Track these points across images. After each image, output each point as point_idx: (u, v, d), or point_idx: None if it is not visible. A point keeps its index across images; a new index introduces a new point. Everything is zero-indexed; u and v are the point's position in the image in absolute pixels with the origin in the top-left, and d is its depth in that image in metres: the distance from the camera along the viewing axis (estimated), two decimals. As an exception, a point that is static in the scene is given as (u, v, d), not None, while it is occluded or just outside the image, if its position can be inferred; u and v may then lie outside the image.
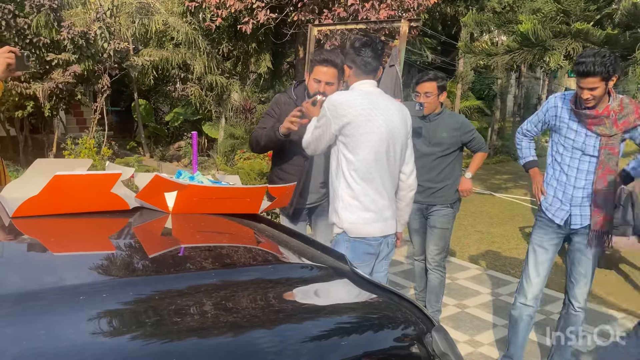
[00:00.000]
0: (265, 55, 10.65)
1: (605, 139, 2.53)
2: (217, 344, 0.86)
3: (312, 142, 2.37)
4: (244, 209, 1.58)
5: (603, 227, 2.63)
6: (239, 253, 1.31)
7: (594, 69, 2.38)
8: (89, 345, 0.77)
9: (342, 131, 2.27)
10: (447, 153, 3.36)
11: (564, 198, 2.71)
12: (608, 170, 2.57)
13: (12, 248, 1.15)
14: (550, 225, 2.80)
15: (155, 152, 11.40)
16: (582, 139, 2.60)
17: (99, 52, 8.14)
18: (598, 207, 2.62)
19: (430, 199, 3.39)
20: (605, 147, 2.55)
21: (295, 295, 1.13)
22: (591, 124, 2.55)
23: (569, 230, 2.74)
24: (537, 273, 2.86)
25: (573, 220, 2.70)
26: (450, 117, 3.42)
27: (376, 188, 2.32)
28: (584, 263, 2.72)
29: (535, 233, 2.87)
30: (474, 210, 7.81)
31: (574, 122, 2.62)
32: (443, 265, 3.50)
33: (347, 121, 2.24)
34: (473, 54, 7.29)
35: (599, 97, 2.46)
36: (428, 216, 3.46)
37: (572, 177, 2.67)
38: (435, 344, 1.03)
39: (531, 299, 2.88)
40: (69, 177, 1.27)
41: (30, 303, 0.83)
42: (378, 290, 1.22)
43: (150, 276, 1.07)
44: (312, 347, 0.93)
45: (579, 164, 2.64)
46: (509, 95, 17.55)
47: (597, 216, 2.63)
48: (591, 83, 2.42)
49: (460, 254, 5.57)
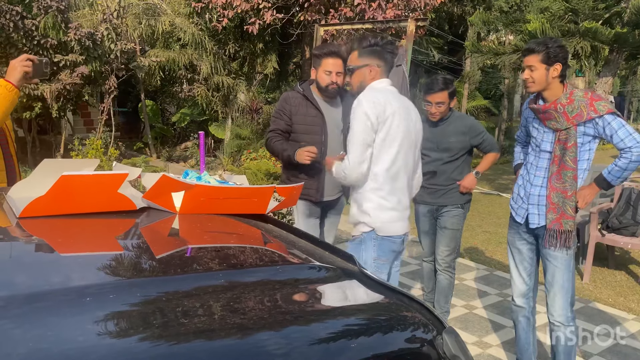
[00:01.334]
0: (272, 55, 10.66)
1: (559, 134, 2.49)
2: (224, 345, 0.85)
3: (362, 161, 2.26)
4: (252, 209, 1.57)
5: (561, 227, 2.52)
6: (246, 254, 1.30)
7: (533, 47, 2.45)
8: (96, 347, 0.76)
9: (380, 132, 2.25)
10: (456, 158, 3.31)
11: (524, 196, 2.67)
12: (563, 166, 2.48)
13: (18, 248, 1.15)
14: (517, 224, 2.75)
15: (162, 153, 11.43)
16: (541, 136, 2.58)
17: (106, 53, 8.17)
18: (553, 204, 2.53)
19: (440, 199, 3.35)
20: (558, 142, 2.49)
21: (303, 297, 1.12)
22: (543, 118, 2.53)
23: (531, 230, 2.67)
24: (519, 273, 2.81)
25: (531, 219, 2.64)
26: (458, 119, 3.33)
27: (402, 187, 2.38)
28: (549, 269, 2.62)
29: (508, 233, 2.86)
30: (481, 211, 7.77)
31: (536, 121, 2.62)
32: (453, 266, 3.47)
33: (387, 122, 2.23)
34: (480, 53, 7.27)
35: (540, 81, 2.45)
36: (438, 217, 3.42)
37: (532, 175, 2.63)
38: (446, 346, 1.02)
39: (519, 298, 2.84)
40: (76, 178, 1.27)
41: (36, 304, 0.82)
42: (387, 291, 1.20)
43: (156, 277, 1.06)
44: (321, 349, 0.92)
45: (538, 161, 2.61)
46: (516, 95, 17.47)
47: (553, 214, 2.53)
48: (529, 61, 2.45)
49: (467, 254, 5.53)
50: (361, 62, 2.33)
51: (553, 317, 2.66)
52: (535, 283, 2.85)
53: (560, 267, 2.58)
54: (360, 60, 2.34)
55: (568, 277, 2.59)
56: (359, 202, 2.36)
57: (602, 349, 3.42)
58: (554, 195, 2.52)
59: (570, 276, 2.60)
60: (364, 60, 2.33)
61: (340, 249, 1.38)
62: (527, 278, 2.80)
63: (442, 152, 3.28)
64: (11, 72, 2.07)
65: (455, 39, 14.11)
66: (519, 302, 2.85)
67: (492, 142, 3.40)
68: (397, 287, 1.21)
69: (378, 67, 2.33)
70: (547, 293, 2.67)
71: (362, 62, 2.33)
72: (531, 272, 2.80)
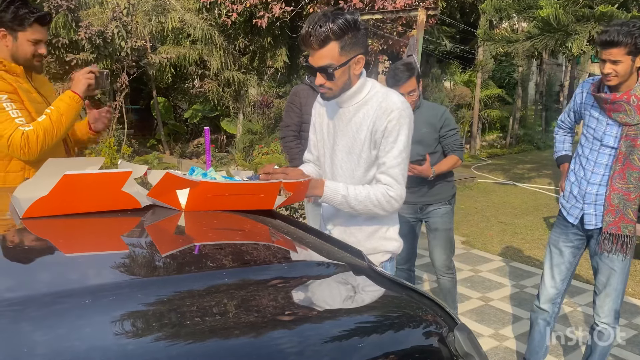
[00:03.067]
0: (282, 49, 10.63)
1: (627, 129, 2.27)
2: (236, 343, 0.83)
3: (403, 181, 1.82)
4: (259, 205, 1.54)
5: (618, 230, 2.34)
6: (253, 251, 1.27)
7: (618, 38, 2.15)
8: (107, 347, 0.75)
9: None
10: (433, 151, 2.97)
11: (578, 194, 2.46)
12: (629, 165, 2.28)
13: (21, 250, 1.14)
14: (566, 225, 2.57)
15: (175, 150, 11.49)
16: (603, 128, 2.34)
17: (117, 50, 8.21)
18: (613, 205, 2.33)
19: (425, 197, 3.05)
20: (626, 138, 2.27)
21: (312, 294, 1.09)
22: (610, 110, 2.29)
23: (585, 231, 2.50)
24: (552, 276, 2.65)
25: (586, 219, 2.44)
26: (429, 109, 2.99)
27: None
28: (603, 271, 2.46)
29: (553, 232, 2.67)
30: (496, 201, 7.68)
31: (596, 110, 2.38)
32: (452, 266, 3.18)
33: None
34: (493, 41, 7.15)
35: (623, 75, 2.21)
36: (425, 218, 3.11)
37: (589, 172, 2.40)
38: (458, 344, 0.98)
39: (544, 302, 2.69)
40: (79, 177, 1.25)
41: (46, 305, 0.81)
42: (397, 287, 1.17)
43: (161, 276, 1.04)
44: (332, 347, 0.89)
45: (597, 156, 2.38)
46: (530, 83, 17.24)
47: (611, 216, 2.35)
48: (614, 55, 2.18)
49: (483, 245, 5.47)
50: (345, 57, 1.69)
51: (599, 317, 2.53)
52: (567, 289, 2.71)
53: (618, 270, 2.42)
54: (343, 54, 1.69)
55: (623, 280, 2.44)
56: (378, 226, 1.92)
57: (622, 340, 3.36)
58: (615, 197, 2.33)
59: (625, 279, 2.45)
60: (347, 52, 1.69)
61: (348, 244, 1.35)
62: (560, 283, 2.65)
63: (416, 145, 2.86)
64: (76, 84, 2.17)
65: (467, 28, 13.92)
66: (544, 306, 2.71)
67: (458, 145, 3.00)
68: (408, 282, 1.17)
69: (364, 55, 1.76)
70: (596, 293, 2.53)
71: (346, 55, 1.70)
72: (566, 277, 2.65)
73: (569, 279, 2.69)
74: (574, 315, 3.75)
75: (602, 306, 2.51)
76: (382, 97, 1.78)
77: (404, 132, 1.75)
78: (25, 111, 2.08)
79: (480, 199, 7.80)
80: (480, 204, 7.45)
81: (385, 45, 9.88)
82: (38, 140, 2.01)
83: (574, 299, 4.02)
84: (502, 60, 16.77)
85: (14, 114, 2.01)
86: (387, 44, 9.84)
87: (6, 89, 2.05)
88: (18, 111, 2.03)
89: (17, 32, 2.10)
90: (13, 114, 2.01)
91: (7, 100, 2.03)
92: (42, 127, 2.03)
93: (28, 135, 2.00)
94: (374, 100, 1.79)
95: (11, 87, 2.07)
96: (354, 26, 1.67)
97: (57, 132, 2.08)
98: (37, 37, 2.13)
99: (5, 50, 2.13)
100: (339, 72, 1.71)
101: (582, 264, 4.42)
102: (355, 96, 1.81)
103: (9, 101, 2.03)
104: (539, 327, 2.76)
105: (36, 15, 2.10)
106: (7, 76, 2.09)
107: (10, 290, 0.88)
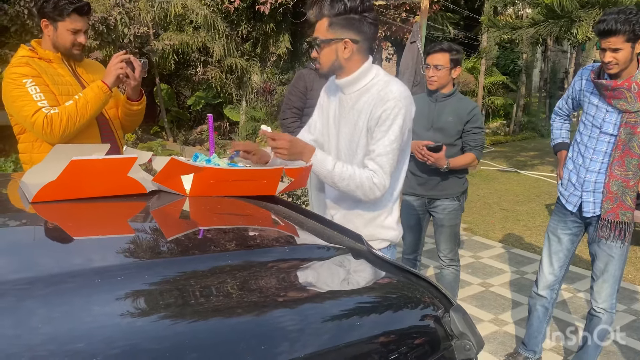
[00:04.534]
0: (284, 35, 10.59)
1: (627, 116, 2.27)
2: (237, 322, 0.86)
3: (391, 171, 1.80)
4: (261, 191, 1.57)
5: (617, 217, 2.36)
6: (256, 234, 1.30)
7: (616, 27, 2.15)
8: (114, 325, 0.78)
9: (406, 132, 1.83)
10: (451, 143, 2.87)
11: (577, 182, 2.48)
12: (628, 152, 2.29)
13: (32, 233, 1.17)
14: (564, 213, 2.59)
15: (179, 137, 11.50)
16: (602, 115, 2.35)
17: (120, 37, 8.21)
18: (612, 192, 2.35)
19: (433, 191, 2.98)
20: (626, 125, 2.27)
21: (313, 276, 1.13)
22: (610, 96, 2.30)
23: (584, 218, 2.52)
24: (550, 263, 2.68)
25: (585, 207, 2.46)
26: (461, 101, 2.92)
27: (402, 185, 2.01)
28: (601, 257, 2.49)
29: (551, 220, 2.69)
30: (499, 188, 7.70)
31: (595, 97, 2.38)
32: (457, 259, 3.16)
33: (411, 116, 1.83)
34: (497, 28, 7.11)
35: (624, 62, 2.21)
36: (432, 212, 3.07)
37: (588, 159, 2.42)
38: (454, 324, 1.02)
39: (543, 289, 2.73)
40: (86, 162, 1.28)
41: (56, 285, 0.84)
42: (396, 270, 1.20)
43: (166, 258, 1.07)
44: (331, 326, 0.93)
45: (596, 144, 2.38)
46: (534, 70, 17.14)
47: (610, 203, 2.36)
48: (613, 43, 2.19)
49: (485, 232, 5.50)
50: (332, 35, 1.75)
51: (597, 303, 2.56)
52: (564, 275, 2.75)
53: (616, 257, 2.44)
54: (330, 32, 1.75)
55: (620, 266, 2.47)
56: (377, 213, 1.92)
57: (621, 325, 3.40)
58: (614, 184, 2.34)
59: (622, 265, 2.48)
60: (336, 32, 1.75)
61: (348, 229, 1.38)
62: (558, 270, 2.69)
63: (436, 133, 2.88)
64: (107, 75, 2.25)
65: (471, 14, 13.81)
66: (542, 293, 2.75)
67: (480, 144, 2.91)
68: (405, 266, 1.20)
69: (354, 44, 1.76)
70: (594, 279, 2.56)
71: (334, 34, 1.75)
72: (564, 264, 2.68)
73: (567, 265, 2.72)
74: (573, 301, 3.79)
75: (599, 292, 2.55)
76: (383, 85, 1.78)
77: (398, 123, 1.74)
78: (50, 94, 2.18)
79: (482, 186, 7.82)
80: (482, 191, 7.47)
81: (389, 31, 9.84)
82: (61, 124, 2.12)
83: (574, 285, 4.06)
84: (506, 47, 16.66)
85: (37, 97, 2.12)
86: (391, 30, 9.79)
87: (31, 73, 2.15)
88: (42, 94, 2.14)
89: (57, 22, 2.21)
90: (36, 97, 2.12)
91: (31, 83, 2.14)
92: (67, 112, 2.13)
93: (52, 118, 2.10)
94: (375, 88, 1.79)
95: (35, 71, 2.17)
96: (348, 10, 1.71)
97: (81, 118, 2.17)
98: (75, 26, 2.23)
99: (47, 40, 2.26)
100: (325, 49, 1.77)
101: (583, 251, 4.46)
102: (357, 82, 1.81)
103: (33, 84, 2.14)
104: (538, 313, 2.80)
105: (75, 6, 2.20)
106: (36, 62, 2.20)
107: (25, 270, 0.92)
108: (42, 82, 2.17)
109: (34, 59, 2.22)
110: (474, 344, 1.01)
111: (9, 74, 2.16)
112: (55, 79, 2.22)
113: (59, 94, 2.21)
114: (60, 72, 2.27)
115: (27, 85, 2.12)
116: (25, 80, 2.13)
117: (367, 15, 1.74)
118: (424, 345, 1.01)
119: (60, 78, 2.25)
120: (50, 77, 2.21)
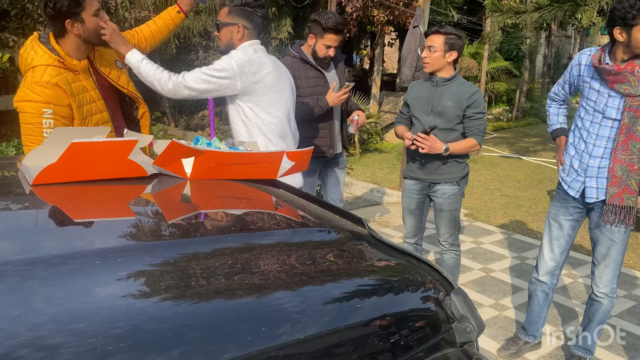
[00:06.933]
0: (286, 19, 10.50)
1: (630, 100, 2.25)
2: (238, 303, 0.86)
3: (191, 90, 2.24)
4: (262, 174, 1.57)
5: (622, 202, 2.35)
6: (257, 218, 1.30)
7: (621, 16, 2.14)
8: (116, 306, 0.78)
9: (250, 89, 2.28)
10: (451, 128, 2.85)
11: (579, 168, 2.46)
12: (632, 136, 2.27)
13: (33, 215, 1.17)
14: (566, 199, 2.58)
15: (180, 122, 11.48)
16: (605, 100, 2.32)
17: (121, 21, 8.13)
18: (616, 177, 2.34)
19: (433, 175, 2.95)
20: (629, 109, 2.26)
21: (314, 259, 1.12)
22: (613, 81, 2.27)
23: (586, 204, 2.51)
24: (551, 249, 2.68)
25: (588, 192, 2.45)
26: (462, 86, 2.86)
27: (288, 145, 2.46)
28: (603, 242, 2.48)
29: (552, 206, 2.68)
30: (500, 174, 7.68)
31: (597, 81, 2.36)
32: (457, 243, 3.14)
33: (258, 79, 2.28)
34: (500, 12, 7.03)
35: (635, 47, 2.17)
36: (432, 196, 3.04)
37: (590, 145, 2.40)
38: (454, 307, 1.02)
39: (543, 274, 2.73)
40: (86, 145, 1.28)
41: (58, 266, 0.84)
42: (397, 253, 1.20)
43: (167, 240, 1.07)
44: (332, 308, 0.93)
45: (598, 129, 2.36)
46: (538, 56, 17.00)
47: (614, 188, 2.35)
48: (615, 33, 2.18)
49: (486, 218, 5.51)
50: (230, 20, 2.33)
51: (598, 288, 2.57)
52: (565, 261, 2.75)
53: (618, 242, 2.45)
54: (229, 17, 2.34)
55: (622, 250, 2.47)
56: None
57: (621, 311, 3.41)
58: (618, 168, 2.32)
59: (624, 250, 2.48)
60: (232, 18, 2.32)
61: (349, 212, 1.38)
62: (559, 255, 2.68)
63: (435, 117, 2.85)
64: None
65: (475, -2, 13.66)
66: (542, 279, 2.75)
67: (482, 130, 2.85)
68: (406, 248, 1.20)
69: (245, 29, 2.33)
70: (595, 264, 2.56)
71: (231, 19, 2.33)
72: (564, 250, 2.68)
73: (568, 251, 2.72)
74: (574, 286, 3.80)
75: (600, 277, 2.55)
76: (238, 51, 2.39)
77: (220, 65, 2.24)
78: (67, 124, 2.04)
79: (484, 172, 7.81)
80: (484, 177, 7.46)
81: (392, 16, 9.75)
82: None
83: (575, 271, 4.07)
84: (510, 31, 16.49)
85: (46, 134, 1.97)
86: (393, 14, 9.70)
87: (55, 100, 1.99)
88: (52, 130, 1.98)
89: (79, 14, 2.04)
90: (46, 133, 1.97)
91: (50, 115, 1.99)
92: None
93: None
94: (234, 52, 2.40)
95: (60, 97, 2.01)
96: (244, 4, 2.30)
97: None
98: (94, 7, 2.07)
99: (72, 41, 2.08)
100: (223, 30, 2.36)
101: (584, 237, 4.46)
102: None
103: (50, 118, 1.99)
104: (538, 298, 2.81)
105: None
106: (64, 79, 2.03)
107: (26, 251, 0.91)
108: (62, 113, 2.02)
109: (63, 75, 2.03)
110: (474, 327, 1.01)
111: (33, 88, 1.98)
112: (80, 100, 2.08)
113: (80, 119, 2.07)
114: (86, 85, 2.13)
115: (44, 117, 1.97)
116: (45, 110, 1.97)
117: (258, 10, 2.32)
118: (425, 327, 1.01)
119: (85, 96, 2.11)
120: (76, 99, 2.06)
